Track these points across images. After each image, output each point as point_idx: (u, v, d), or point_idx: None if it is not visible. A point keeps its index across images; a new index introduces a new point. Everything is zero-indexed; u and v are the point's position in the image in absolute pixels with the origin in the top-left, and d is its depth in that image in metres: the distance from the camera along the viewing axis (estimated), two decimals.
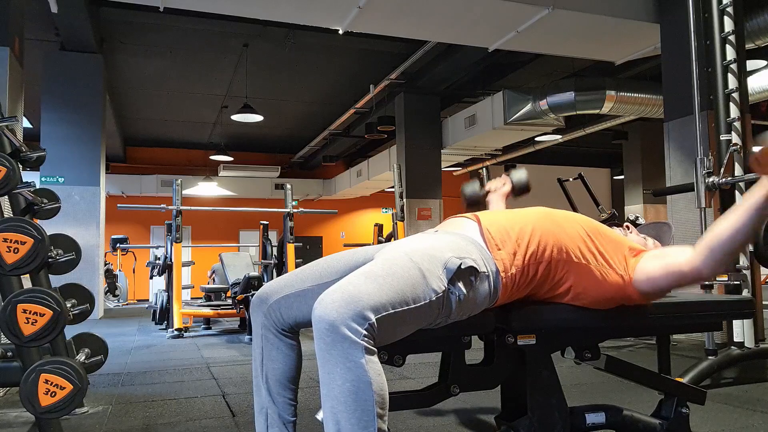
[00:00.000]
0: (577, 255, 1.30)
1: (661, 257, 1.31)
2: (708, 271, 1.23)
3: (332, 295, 1.02)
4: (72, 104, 7.50)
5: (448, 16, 5.27)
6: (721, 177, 3.15)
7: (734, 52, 3.28)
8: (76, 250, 2.57)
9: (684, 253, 1.27)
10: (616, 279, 1.31)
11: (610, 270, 1.31)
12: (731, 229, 1.20)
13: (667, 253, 1.31)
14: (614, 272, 1.31)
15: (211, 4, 5.15)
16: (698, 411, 2.24)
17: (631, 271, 1.32)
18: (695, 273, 1.25)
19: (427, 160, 9.75)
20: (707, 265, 1.23)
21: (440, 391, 1.35)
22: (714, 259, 1.22)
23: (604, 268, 1.31)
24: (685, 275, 1.26)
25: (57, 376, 1.86)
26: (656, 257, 1.32)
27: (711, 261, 1.22)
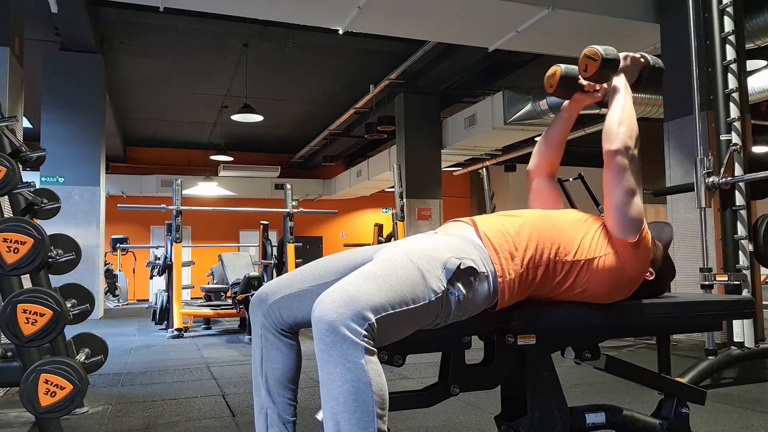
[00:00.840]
0: (577, 254, 1.30)
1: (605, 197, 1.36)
2: (617, 144, 1.34)
3: (331, 296, 1.02)
4: (72, 104, 7.51)
5: (448, 16, 5.27)
6: (721, 177, 3.15)
7: (734, 52, 3.28)
8: (76, 250, 2.57)
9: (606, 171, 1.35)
10: (611, 260, 1.32)
11: (603, 255, 1.32)
12: (620, 109, 1.39)
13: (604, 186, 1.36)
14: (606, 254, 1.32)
15: (211, 4, 5.15)
16: (698, 411, 2.24)
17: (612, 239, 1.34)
18: (612, 157, 1.34)
19: (427, 160, 9.75)
20: (612, 142, 1.34)
21: (440, 391, 1.35)
22: (613, 134, 1.35)
23: (599, 256, 1.32)
24: (612, 170, 1.33)
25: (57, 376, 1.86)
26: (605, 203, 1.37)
27: (612, 138, 1.35)
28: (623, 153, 1.33)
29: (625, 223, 1.32)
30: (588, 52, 1.46)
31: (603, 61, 1.43)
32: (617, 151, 1.33)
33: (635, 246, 1.33)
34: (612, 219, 1.34)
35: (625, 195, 1.32)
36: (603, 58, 1.43)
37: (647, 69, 1.52)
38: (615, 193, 1.33)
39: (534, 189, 1.65)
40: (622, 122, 1.37)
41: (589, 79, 1.49)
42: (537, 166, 1.65)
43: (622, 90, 1.44)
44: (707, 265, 3.19)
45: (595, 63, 1.44)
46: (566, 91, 1.56)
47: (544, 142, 1.66)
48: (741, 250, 3.16)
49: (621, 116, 1.38)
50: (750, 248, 3.14)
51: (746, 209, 3.18)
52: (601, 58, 1.43)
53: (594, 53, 1.44)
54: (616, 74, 1.47)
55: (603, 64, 1.44)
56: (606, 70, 1.46)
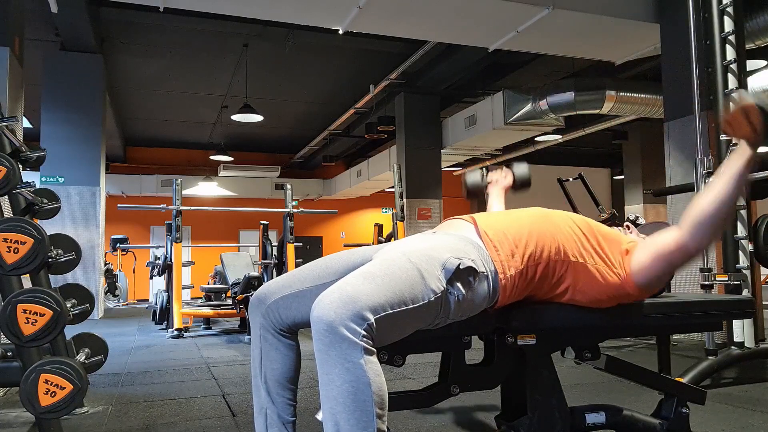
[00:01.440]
0: (575, 255, 1.30)
1: (650, 243, 1.32)
2: (695, 246, 1.24)
3: (330, 296, 1.02)
4: (72, 104, 7.50)
5: (448, 16, 5.27)
6: None
7: (734, 52, 3.28)
8: (76, 250, 2.57)
9: (670, 233, 1.27)
10: (614, 277, 1.31)
11: (608, 268, 1.31)
12: (715, 200, 1.20)
13: (655, 238, 1.32)
14: (611, 270, 1.32)
15: (211, 4, 5.15)
16: (698, 411, 2.24)
17: (627, 267, 1.32)
18: (683, 250, 1.25)
19: (427, 160, 9.74)
20: (695, 240, 1.23)
21: (440, 391, 1.35)
22: (700, 232, 1.22)
23: (602, 266, 1.31)
24: (674, 254, 1.27)
25: (57, 376, 1.86)
26: (645, 245, 1.33)
27: (697, 235, 1.23)
28: (693, 253, 1.26)
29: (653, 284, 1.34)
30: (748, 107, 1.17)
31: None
32: (690, 250, 1.25)
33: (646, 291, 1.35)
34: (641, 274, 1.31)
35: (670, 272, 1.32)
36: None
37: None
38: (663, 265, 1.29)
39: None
40: (716, 222, 1.21)
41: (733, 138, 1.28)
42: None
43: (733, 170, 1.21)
44: (707, 265, 3.19)
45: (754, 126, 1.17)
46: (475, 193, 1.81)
47: None
48: (741, 250, 3.16)
49: (720, 214, 1.21)
50: (750, 248, 3.14)
51: (746, 209, 3.18)
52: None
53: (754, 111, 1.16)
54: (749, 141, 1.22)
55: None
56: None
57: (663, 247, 1.28)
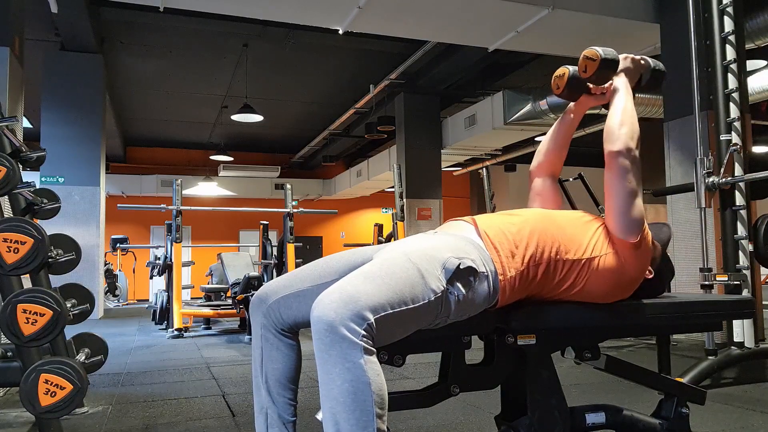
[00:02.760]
0: (577, 253, 1.30)
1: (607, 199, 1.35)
2: (618, 145, 1.33)
3: (330, 296, 1.02)
4: (72, 104, 7.51)
5: (448, 16, 5.27)
6: (721, 177, 3.15)
7: (734, 52, 3.28)
8: (76, 250, 2.57)
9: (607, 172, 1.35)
10: (611, 260, 1.32)
11: (604, 254, 1.32)
12: (622, 111, 1.39)
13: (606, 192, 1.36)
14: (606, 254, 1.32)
15: (211, 4, 5.15)
16: (698, 411, 2.24)
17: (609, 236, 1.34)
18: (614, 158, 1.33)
19: (427, 160, 9.74)
20: (614, 143, 1.34)
21: (440, 391, 1.35)
22: (615, 135, 1.35)
23: (599, 255, 1.32)
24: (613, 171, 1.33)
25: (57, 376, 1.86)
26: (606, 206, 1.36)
27: (614, 138, 1.35)
28: (625, 154, 1.33)
29: (627, 224, 1.32)
30: (587, 53, 1.46)
31: (602, 61, 1.43)
32: (619, 152, 1.33)
33: (636, 246, 1.33)
34: (613, 220, 1.34)
35: (627, 196, 1.32)
36: (602, 58, 1.43)
37: (648, 71, 1.52)
38: (616, 194, 1.33)
39: (535, 189, 1.64)
40: (623, 123, 1.37)
41: (588, 80, 1.49)
42: (539, 166, 1.65)
43: (622, 90, 1.44)
44: (707, 265, 3.19)
45: (594, 63, 1.44)
46: (573, 92, 1.56)
47: (547, 143, 1.66)
48: (741, 250, 3.16)
49: (622, 117, 1.38)
50: (750, 248, 3.14)
51: (746, 209, 3.18)
52: (600, 58, 1.43)
53: (593, 54, 1.44)
54: (617, 75, 1.47)
55: (602, 65, 1.43)
56: (605, 71, 1.45)
57: (607, 180, 1.34)
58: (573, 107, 1.62)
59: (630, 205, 1.32)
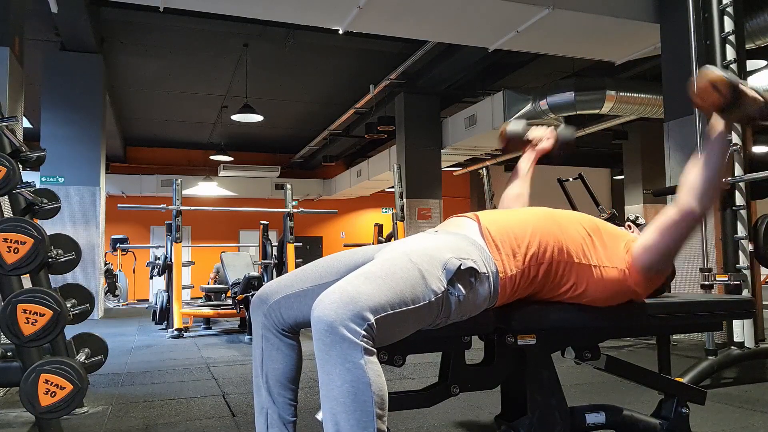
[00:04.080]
0: (579, 255, 1.30)
1: (654, 223, 1.34)
2: (699, 208, 1.28)
3: (331, 296, 1.02)
4: (72, 104, 7.50)
5: (448, 16, 5.27)
6: None
7: (734, 52, 3.28)
8: (76, 250, 2.57)
9: (671, 208, 1.32)
10: (617, 274, 1.32)
11: (611, 267, 1.32)
12: (706, 165, 1.29)
13: (658, 218, 1.34)
14: (615, 269, 1.32)
15: (211, 4, 5.15)
16: (698, 411, 2.24)
17: (629, 257, 1.33)
18: (688, 214, 1.28)
19: (427, 160, 9.74)
20: (698, 203, 1.28)
21: (440, 391, 1.35)
22: (700, 195, 1.28)
23: (606, 266, 1.31)
24: (679, 223, 1.29)
25: (57, 376, 1.86)
26: (649, 227, 1.35)
27: (699, 198, 1.28)
28: (699, 217, 1.29)
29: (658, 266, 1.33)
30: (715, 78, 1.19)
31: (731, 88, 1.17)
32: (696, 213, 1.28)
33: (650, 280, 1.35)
34: (646, 255, 1.32)
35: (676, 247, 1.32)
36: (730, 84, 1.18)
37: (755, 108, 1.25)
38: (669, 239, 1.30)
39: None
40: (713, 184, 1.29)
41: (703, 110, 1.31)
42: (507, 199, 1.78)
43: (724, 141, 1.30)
44: (707, 265, 3.19)
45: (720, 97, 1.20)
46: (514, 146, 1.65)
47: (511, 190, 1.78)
48: (741, 250, 3.16)
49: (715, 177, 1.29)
50: (750, 248, 3.14)
51: (746, 209, 3.18)
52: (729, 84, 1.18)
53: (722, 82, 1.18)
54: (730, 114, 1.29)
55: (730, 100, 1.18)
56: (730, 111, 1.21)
57: (667, 220, 1.31)
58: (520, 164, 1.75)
59: (672, 255, 1.33)
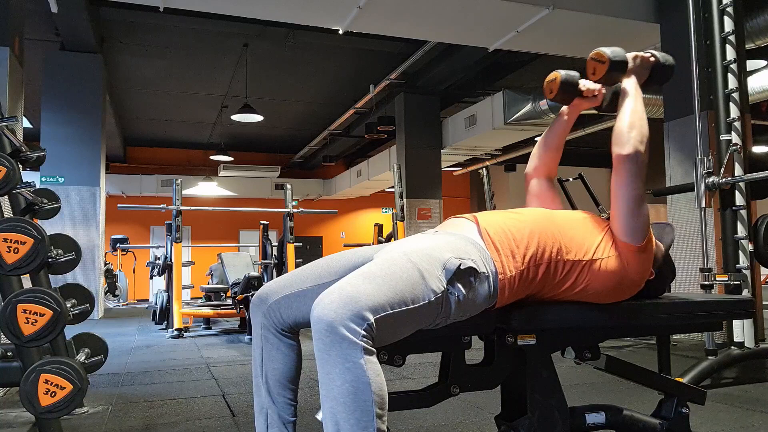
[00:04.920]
0: (578, 254, 1.30)
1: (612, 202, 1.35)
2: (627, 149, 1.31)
3: (330, 296, 1.02)
4: (72, 104, 7.51)
5: (448, 16, 5.27)
6: (721, 177, 3.15)
7: (734, 52, 3.28)
8: (76, 250, 2.57)
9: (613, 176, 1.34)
10: (614, 262, 1.32)
11: (608, 258, 1.32)
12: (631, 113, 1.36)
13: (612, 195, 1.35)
14: (613, 258, 1.32)
15: (211, 4, 5.15)
16: (698, 411, 2.24)
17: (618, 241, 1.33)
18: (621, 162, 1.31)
19: (427, 160, 9.75)
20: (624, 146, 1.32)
21: (440, 391, 1.35)
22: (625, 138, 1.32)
23: (605, 259, 1.31)
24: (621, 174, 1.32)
25: (57, 376, 1.86)
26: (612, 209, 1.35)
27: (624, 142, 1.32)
28: (634, 158, 1.31)
29: (633, 228, 1.32)
30: (595, 54, 1.43)
31: (611, 63, 1.40)
32: (628, 156, 1.31)
33: (640, 251, 1.33)
34: (619, 224, 1.33)
35: (634, 200, 1.31)
36: (611, 60, 1.40)
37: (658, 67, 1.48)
38: (623, 198, 1.32)
39: (532, 191, 1.65)
40: (633, 126, 1.34)
41: (597, 82, 1.48)
42: (536, 168, 1.66)
43: (632, 92, 1.41)
44: (707, 265, 3.19)
45: (604, 66, 1.42)
46: (566, 96, 1.55)
47: (542, 145, 1.67)
48: (741, 250, 3.16)
49: (632, 119, 1.35)
50: (750, 248, 3.14)
51: (746, 209, 3.18)
52: (609, 60, 1.40)
53: (601, 56, 1.41)
54: (626, 76, 1.45)
55: (611, 66, 1.40)
56: (614, 73, 1.42)
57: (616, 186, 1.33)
58: (566, 110, 1.63)
59: (637, 210, 1.31)
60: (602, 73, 1.42)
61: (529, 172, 1.67)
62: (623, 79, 1.45)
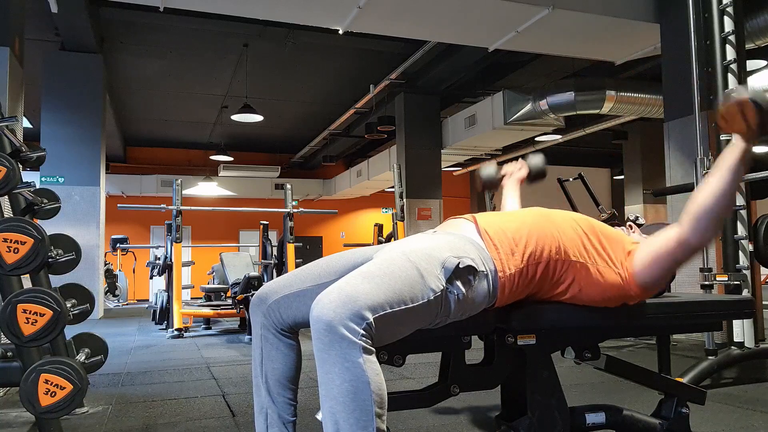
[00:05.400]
0: (576, 255, 1.30)
1: (652, 242, 1.32)
2: (697, 241, 1.24)
3: (330, 296, 1.02)
4: (72, 104, 7.50)
5: (448, 16, 5.27)
6: None
7: (734, 52, 3.28)
8: (76, 250, 2.57)
9: (672, 230, 1.28)
10: (615, 277, 1.31)
11: (609, 268, 1.31)
12: (713, 193, 1.21)
13: (657, 237, 1.32)
14: (613, 271, 1.31)
15: (211, 4, 5.15)
16: (698, 411, 2.24)
17: (630, 267, 1.32)
18: (685, 245, 1.25)
19: (427, 160, 9.74)
20: (696, 234, 1.23)
21: (440, 391, 1.35)
22: (701, 226, 1.23)
23: (603, 267, 1.31)
24: (676, 251, 1.27)
25: (57, 376, 1.86)
26: (647, 244, 1.33)
27: (698, 229, 1.23)
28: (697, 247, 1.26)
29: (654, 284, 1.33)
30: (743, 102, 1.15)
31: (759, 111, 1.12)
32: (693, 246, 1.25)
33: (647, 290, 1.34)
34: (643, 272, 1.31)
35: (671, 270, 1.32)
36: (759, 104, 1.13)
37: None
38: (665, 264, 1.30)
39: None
40: (716, 216, 1.22)
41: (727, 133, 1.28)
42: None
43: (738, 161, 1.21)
44: (707, 265, 3.19)
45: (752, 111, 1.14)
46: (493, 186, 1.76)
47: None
48: (741, 250, 3.16)
49: (721, 208, 1.22)
50: (750, 248, 3.14)
51: (746, 209, 3.18)
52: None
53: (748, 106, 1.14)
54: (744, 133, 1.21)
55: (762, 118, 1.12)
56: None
57: (665, 245, 1.28)
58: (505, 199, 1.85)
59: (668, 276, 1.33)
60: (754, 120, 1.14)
61: None
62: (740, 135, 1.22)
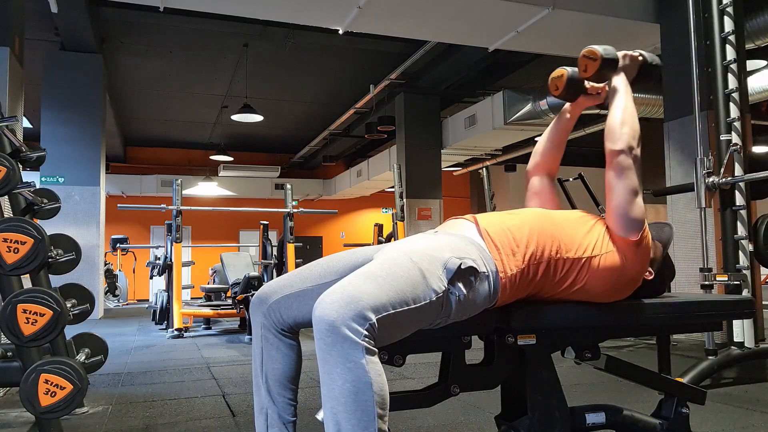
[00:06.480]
0: (577, 252, 1.31)
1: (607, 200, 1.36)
2: (620, 145, 1.35)
3: (332, 296, 1.02)
4: (72, 104, 7.51)
5: (448, 16, 5.27)
6: (721, 177, 3.15)
7: (734, 52, 3.28)
8: (76, 250, 2.57)
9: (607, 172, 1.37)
10: (612, 260, 1.32)
11: (606, 254, 1.32)
12: (622, 109, 1.40)
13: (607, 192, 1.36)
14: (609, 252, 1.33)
15: (211, 4, 5.15)
16: (698, 411, 2.24)
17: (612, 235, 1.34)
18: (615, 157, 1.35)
19: (427, 160, 9.75)
20: (617, 143, 1.35)
21: (440, 391, 1.35)
22: (618, 134, 1.36)
23: (602, 253, 1.32)
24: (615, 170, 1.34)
25: (57, 376, 1.86)
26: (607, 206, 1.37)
27: (616, 138, 1.36)
28: (626, 153, 1.34)
29: (628, 223, 1.33)
30: (587, 52, 1.45)
31: (602, 60, 1.43)
32: (621, 151, 1.35)
33: (636, 245, 1.33)
34: (614, 218, 1.34)
35: (628, 194, 1.33)
36: (602, 57, 1.42)
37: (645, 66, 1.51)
38: (617, 192, 1.33)
39: (532, 188, 1.65)
40: (624, 122, 1.38)
41: (588, 79, 1.50)
42: (537, 165, 1.66)
43: (622, 89, 1.44)
44: (707, 265, 3.19)
45: (595, 63, 1.44)
46: (571, 93, 1.56)
47: (544, 143, 1.67)
48: (741, 250, 3.16)
49: (623, 116, 1.39)
50: (750, 248, 3.14)
51: (746, 209, 3.18)
52: (600, 57, 1.43)
53: (593, 53, 1.44)
54: (616, 74, 1.47)
55: (603, 64, 1.43)
56: (605, 70, 1.45)
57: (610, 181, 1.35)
58: (569, 107, 1.63)
59: (631, 204, 1.33)
60: (593, 70, 1.44)
61: (530, 170, 1.67)
62: (613, 76, 1.47)
